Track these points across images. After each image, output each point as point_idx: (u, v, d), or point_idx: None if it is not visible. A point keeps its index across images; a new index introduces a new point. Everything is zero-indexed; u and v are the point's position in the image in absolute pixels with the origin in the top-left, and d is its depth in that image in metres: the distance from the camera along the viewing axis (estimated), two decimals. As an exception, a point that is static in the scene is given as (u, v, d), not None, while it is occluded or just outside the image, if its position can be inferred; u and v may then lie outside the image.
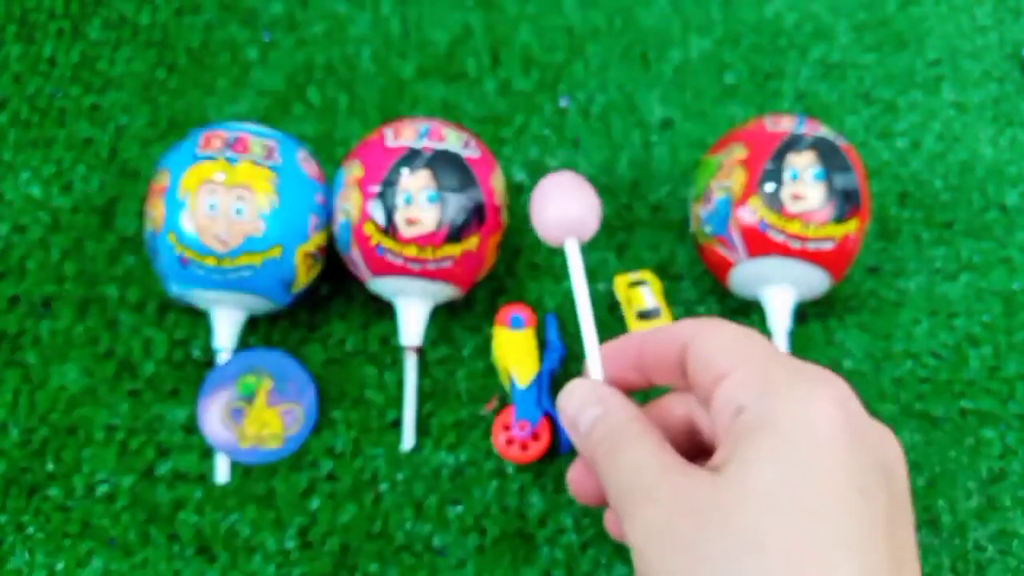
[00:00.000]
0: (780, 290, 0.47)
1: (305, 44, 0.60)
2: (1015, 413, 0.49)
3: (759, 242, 0.46)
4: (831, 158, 0.46)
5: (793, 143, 0.46)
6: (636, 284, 0.50)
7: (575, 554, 0.45)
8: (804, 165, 0.45)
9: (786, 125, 0.47)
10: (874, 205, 0.54)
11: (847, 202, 0.45)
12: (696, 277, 0.52)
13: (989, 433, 0.48)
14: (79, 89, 0.58)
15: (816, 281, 0.47)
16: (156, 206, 0.45)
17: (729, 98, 0.58)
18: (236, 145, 0.45)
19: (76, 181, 0.54)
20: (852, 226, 0.46)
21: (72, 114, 0.57)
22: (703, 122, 0.57)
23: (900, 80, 0.59)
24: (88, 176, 0.55)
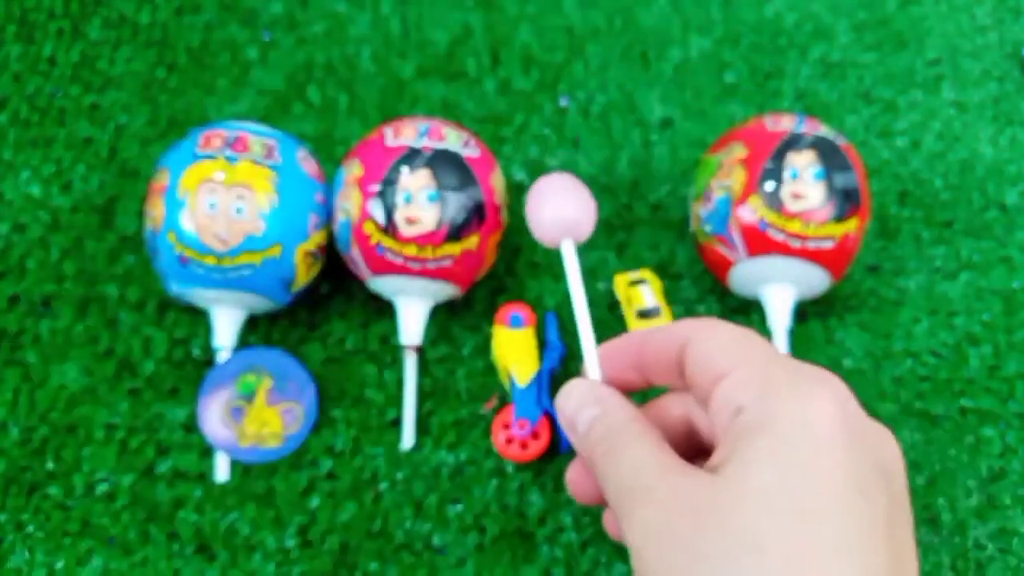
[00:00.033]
0: (780, 289, 0.47)
1: (305, 44, 0.60)
2: (1015, 412, 0.49)
3: (759, 241, 0.46)
4: (831, 157, 0.46)
5: (793, 142, 0.46)
6: (636, 283, 0.50)
7: (575, 553, 0.45)
8: (804, 164, 0.45)
9: (786, 124, 0.47)
10: (874, 204, 0.54)
11: (847, 201, 0.45)
12: (696, 276, 0.52)
13: (989, 432, 0.48)
14: (79, 88, 0.58)
15: (816, 280, 0.47)
16: (156, 205, 0.45)
17: (729, 97, 0.58)
18: (236, 144, 0.45)
19: (76, 180, 0.54)
20: (852, 225, 0.46)
21: (72, 113, 0.57)
22: (703, 121, 0.57)
23: (900, 79, 0.59)
24: (88, 175, 0.55)
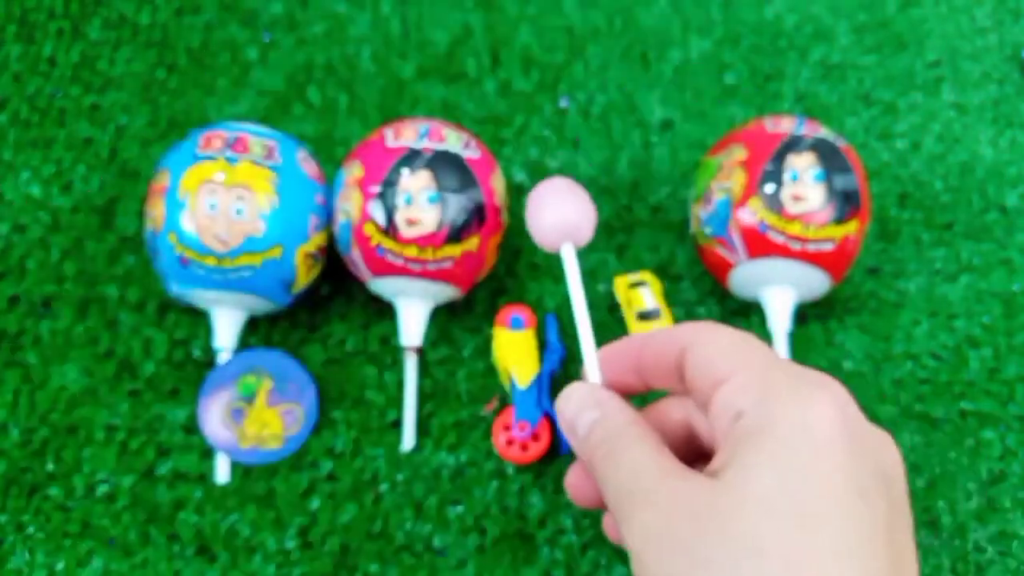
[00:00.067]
0: (780, 291, 0.47)
1: (305, 44, 0.60)
2: (1015, 414, 0.49)
3: (759, 243, 0.46)
4: (831, 159, 0.46)
5: (793, 144, 0.46)
6: (636, 285, 0.50)
7: (575, 555, 0.45)
8: (804, 166, 0.45)
9: (786, 126, 0.47)
10: (874, 206, 0.54)
11: (847, 203, 0.45)
12: (696, 278, 0.52)
13: (989, 434, 0.48)
14: (79, 89, 0.58)
15: (816, 282, 0.47)
16: (156, 206, 0.45)
17: (729, 99, 0.58)
18: (236, 145, 0.45)
19: (76, 181, 0.54)
20: (852, 227, 0.46)
21: (72, 114, 0.57)
22: (703, 123, 0.57)
23: (900, 81, 0.59)
24: (88, 176, 0.55)
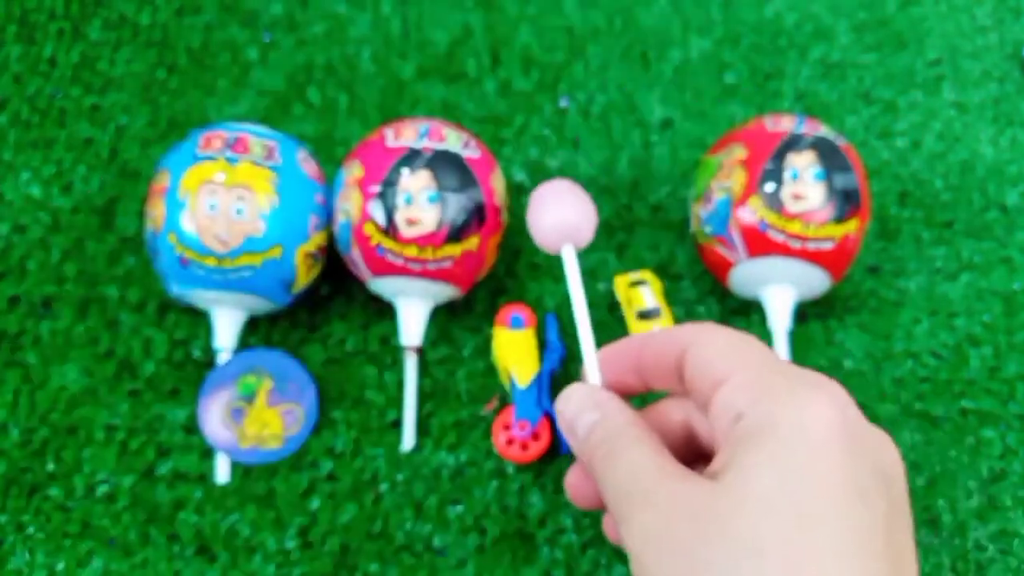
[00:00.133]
0: (780, 290, 0.47)
1: (305, 44, 0.60)
2: (1015, 413, 0.49)
3: (759, 242, 0.46)
4: (831, 158, 0.46)
5: (793, 143, 0.46)
6: (636, 284, 0.50)
7: (575, 554, 0.45)
8: (804, 165, 0.45)
9: (786, 125, 0.47)
10: (874, 205, 0.54)
11: (847, 202, 0.45)
12: (696, 277, 0.52)
13: (989, 433, 0.48)
14: (79, 89, 0.58)
15: (816, 281, 0.47)
16: (156, 206, 0.45)
17: (729, 98, 0.58)
18: (236, 145, 0.45)
19: (76, 181, 0.54)
20: (852, 226, 0.46)
21: (72, 114, 0.57)
22: (703, 122, 0.57)
23: (900, 80, 0.59)
24: (88, 176, 0.55)
